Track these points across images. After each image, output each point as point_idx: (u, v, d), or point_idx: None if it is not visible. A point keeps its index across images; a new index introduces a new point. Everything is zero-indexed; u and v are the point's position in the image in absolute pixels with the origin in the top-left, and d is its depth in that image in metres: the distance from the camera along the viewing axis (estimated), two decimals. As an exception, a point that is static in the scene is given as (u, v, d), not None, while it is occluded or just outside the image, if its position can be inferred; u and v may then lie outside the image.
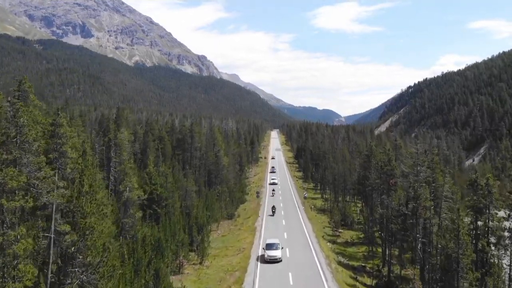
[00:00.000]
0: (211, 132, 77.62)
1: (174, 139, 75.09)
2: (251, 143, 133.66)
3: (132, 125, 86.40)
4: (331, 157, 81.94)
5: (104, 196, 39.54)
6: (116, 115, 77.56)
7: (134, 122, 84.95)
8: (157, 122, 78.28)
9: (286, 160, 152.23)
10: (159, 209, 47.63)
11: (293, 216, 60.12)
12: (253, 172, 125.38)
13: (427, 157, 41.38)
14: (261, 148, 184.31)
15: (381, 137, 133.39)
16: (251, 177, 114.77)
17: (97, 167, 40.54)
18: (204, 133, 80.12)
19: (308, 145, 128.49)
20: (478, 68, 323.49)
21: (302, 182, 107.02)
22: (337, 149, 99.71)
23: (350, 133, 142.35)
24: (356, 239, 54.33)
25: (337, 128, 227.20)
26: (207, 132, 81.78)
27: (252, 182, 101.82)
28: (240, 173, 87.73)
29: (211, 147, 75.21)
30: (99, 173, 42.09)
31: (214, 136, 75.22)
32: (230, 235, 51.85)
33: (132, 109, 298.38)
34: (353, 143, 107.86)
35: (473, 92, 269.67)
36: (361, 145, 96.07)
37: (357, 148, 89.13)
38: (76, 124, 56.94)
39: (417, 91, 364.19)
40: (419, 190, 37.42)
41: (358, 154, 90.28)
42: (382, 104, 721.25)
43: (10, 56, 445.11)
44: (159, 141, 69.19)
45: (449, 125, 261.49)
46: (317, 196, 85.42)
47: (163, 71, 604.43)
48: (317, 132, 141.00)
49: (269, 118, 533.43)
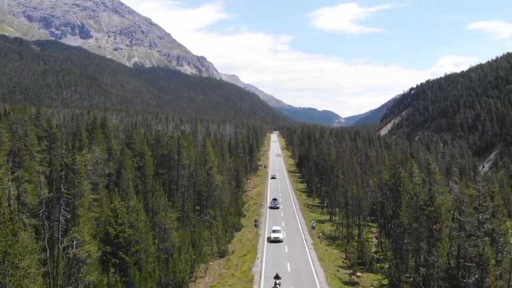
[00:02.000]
0: (203, 145, 66.02)
1: (159, 154, 63.53)
2: (250, 152, 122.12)
3: (114, 135, 74.75)
4: (340, 173, 70.45)
5: (40, 255, 28.11)
6: (93, 126, 65.90)
7: (115, 132, 73.24)
8: (138, 134, 66.60)
9: (287, 169, 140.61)
10: (127, 257, 36.21)
11: (299, 252, 48.75)
12: (251, 183, 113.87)
13: (490, 201, 29.82)
14: (261, 155, 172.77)
15: (390, 145, 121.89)
16: (250, 190, 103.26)
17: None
18: (195, 146, 68.61)
19: (311, 154, 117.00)
20: (483, 69, 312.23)
21: (305, 196, 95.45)
22: (345, 160, 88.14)
23: (356, 140, 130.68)
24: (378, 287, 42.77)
25: (340, 131, 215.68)
26: (198, 145, 70.24)
27: (251, 198, 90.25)
28: (236, 190, 76.15)
29: (203, 163, 63.70)
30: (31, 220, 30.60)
31: (206, 151, 63.69)
32: (220, 285, 40.32)
33: (129, 112, 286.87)
34: (362, 153, 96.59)
35: (479, 94, 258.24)
36: (372, 159, 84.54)
37: (369, 163, 77.77)
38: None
39: (420, 93, 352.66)
40: (482, 248, 26.05)
41: (370, 169, 78.88)
42: (382, 105, 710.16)
43: (7, 57, 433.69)
44: (139, 158, 57.68)
45: (455, 128, 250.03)
46: (324, 218, 73.79)
47: (162, 72, 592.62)
48: (320, 140, 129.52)
49: (269, 120, 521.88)
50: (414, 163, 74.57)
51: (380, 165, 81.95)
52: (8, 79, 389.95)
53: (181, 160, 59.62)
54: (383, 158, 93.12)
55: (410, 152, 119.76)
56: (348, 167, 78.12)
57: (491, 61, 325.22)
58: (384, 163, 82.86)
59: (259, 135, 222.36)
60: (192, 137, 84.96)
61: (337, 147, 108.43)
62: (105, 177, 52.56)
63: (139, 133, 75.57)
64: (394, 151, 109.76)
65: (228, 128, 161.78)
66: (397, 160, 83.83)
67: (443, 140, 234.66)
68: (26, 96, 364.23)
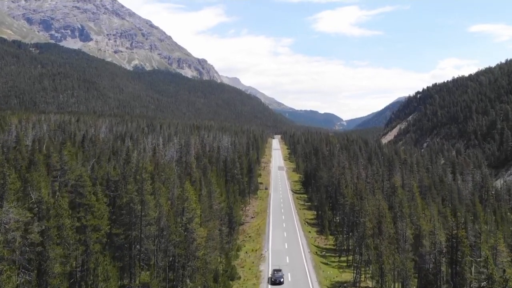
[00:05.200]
0: (181, 187, 46.66)
1: (113, 204, 44.44)
2: (248, 172, 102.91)
3: (70, 167, 55.53)
4: (367, 221, 51.12)
5: None
6: (30, 159, 46.65)
7: (71, 163, 54.14)
8: (90, 176, 47.12)
9: (292, 188, 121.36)
10: None
11: None
12: (250, 209, 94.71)
13: None
14: (262, 168, 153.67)
15: (412, 165, 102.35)
16: (248, 222, 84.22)
17: None
18: (168, 188, 49.36)
19: (320, 174, 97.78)
20: (493, 73, 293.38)
21: (316, 233, 76.23)
22: (366, 192, 68.86)
23: (372, 158, 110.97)
24: None
25: (347, 139, 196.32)
26: (173, 186, 50.79)
27: (248, 236, 71.21)
28: (228, 239, 56.87)
29: (180, 212, 44.62)
30: None
31: (184, 195, 44.62)
32: None
33: (123, 118, 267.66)
34: (384, 178, 77.66)
35: (493, 100, 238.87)
36: (400, 193, 65.05)
37: (397, 199, 58.46)
38: None
39: (427, 97, 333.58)
40: None
41: (401, 205, 59.61)
42: (385, 107, 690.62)
43: (3, 60, 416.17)
44: (84, 215, 38.67)
45: (467, 136, 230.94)
46: (346, 277, 54.33)
47: (162, 75, 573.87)
48: (331, 157, 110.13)
49: (270, 124, 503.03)
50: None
51: (413, 205, 62.77)
52: (4, 83, 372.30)
53: (145, 210, 40.73)
54: (411, 188, 73.98)
55: (437, 174, 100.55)
56: (372, 203, 58.96)
57: (500, 64, 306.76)
58: (415, 205, 63.64)
59: (259, 143, 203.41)
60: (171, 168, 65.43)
61: (352, 169, 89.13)
62: (27, 252, 33.68)
63: (103, 167, 56.66)
64: (420, 174, 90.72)
65: (225, 140, 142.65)
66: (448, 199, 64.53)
67: (456, 149, 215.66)
68: (21, 100, 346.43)
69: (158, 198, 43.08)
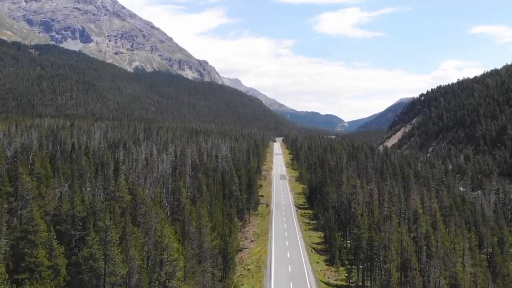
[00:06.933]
0: (160, 233, 36.52)
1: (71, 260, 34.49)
2: (248, 187, 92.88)
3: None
4: (389, 262, 41.20)
5: None
6: None
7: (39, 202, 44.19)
8: (54, 212, 36.81)
9: (295, 202, 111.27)
10: None
11: None
12: (250, 231, 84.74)
13: None
14: (263, 177, 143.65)
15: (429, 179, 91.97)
16: (246, 247, 74.19)
17: None
18: (145, 228, 39.33)
19: (327, 191, 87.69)
20: (500, 75, 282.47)
21: (325, 263, 66.10)
22: (381, 214, 58.84)
23: (384, 171, 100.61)
24: None
25: (351, 145, 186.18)
26: (150, 229, 40.65)
27: (247, 270, 61.21)
28: (222, 276, 46.79)
29: (158, 264, 34.66)
30: None
31: (163, 242, 34.61)
32: None
33: (121, 122, 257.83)
34: (401, 199, 67.62)
35: (501, 103, 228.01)
36: (421, 217, 54.88)
37: (419, 226, 48.37)
38: None
39: (431, 100, 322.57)
40: None
41: (427, 236, 49.43)
42: (386, 109, 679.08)
43: (2, 62, 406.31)
44: (39, 276, 28.75)
45: (475, 141, 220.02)
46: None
47: (163, 77, 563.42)
48: (338, 171, 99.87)
49: (272, 126, 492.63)
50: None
51: (439, 236, 52.58)
52: (2, 85, 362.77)
53: (111, 269, 30.81)
54: (432, 212, 63.89)
55: (459, 194, 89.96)
56: (394, 237, 48.93)
57: (507, 66, 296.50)
58: (440, 235, 53.45)
59: (260, 149, 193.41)
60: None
61: (363, 187, 78.87)
62: None
63: (81, 189, 46.87)
64: (440, 194, 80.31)
65: (224, 149, 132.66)
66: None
67: (464, 154, 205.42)
68: (19, 102, 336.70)
69: (129, 248, 33.04)
